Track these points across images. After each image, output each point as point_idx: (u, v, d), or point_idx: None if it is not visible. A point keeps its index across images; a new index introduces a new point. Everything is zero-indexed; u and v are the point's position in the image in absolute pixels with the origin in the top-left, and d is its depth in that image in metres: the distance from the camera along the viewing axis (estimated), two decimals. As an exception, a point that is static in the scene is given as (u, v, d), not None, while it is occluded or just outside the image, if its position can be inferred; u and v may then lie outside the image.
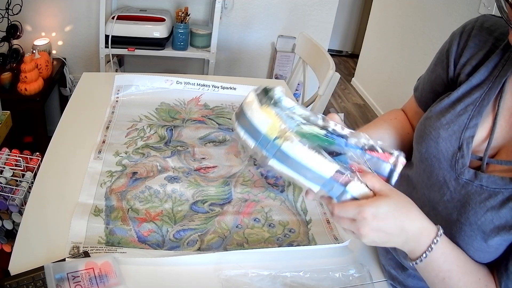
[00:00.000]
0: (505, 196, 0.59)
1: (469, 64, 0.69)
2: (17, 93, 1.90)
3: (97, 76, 1.57)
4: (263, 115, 0.55)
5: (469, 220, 0.62)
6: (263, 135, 0.55)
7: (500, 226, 0.59)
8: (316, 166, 0.55)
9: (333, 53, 4.49)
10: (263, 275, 0.82)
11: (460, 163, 0.65)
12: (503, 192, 0.59)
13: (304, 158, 0.55)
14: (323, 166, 0.55)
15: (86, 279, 0.73)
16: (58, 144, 1.11)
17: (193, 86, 1.45)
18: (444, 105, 0.70)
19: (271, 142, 0.55)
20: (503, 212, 0.59)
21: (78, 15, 2.15)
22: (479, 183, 0.62)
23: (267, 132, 0.55)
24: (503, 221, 0.59)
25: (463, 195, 0.64)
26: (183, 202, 0.98)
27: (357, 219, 0.57)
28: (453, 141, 0.66)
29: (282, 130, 0.55)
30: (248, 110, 0.56)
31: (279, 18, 2.33)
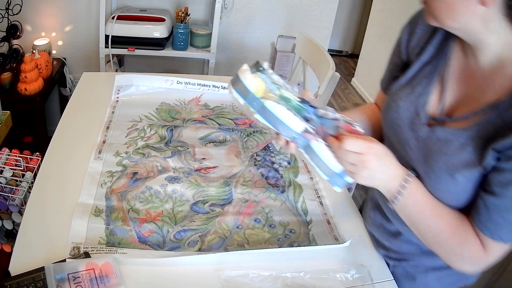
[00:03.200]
0: (460, 142, 0.70)
1: (418, 46, 0.81)
2: (17, 93, 1.90)
3: (97, 76, 1.57)
4: (253, 79, 0.70)
5: (433, 168, 0.73)
6: (252, 93, 0.70)
7: (460, 166, 0.69)
8: (289, 121, 0.70)
9: (333, 53, 4.48)
10: (263, 276, 0.82)
11: (417, 124, 0.77)
12: (458, 139, 0.70)
13: (280, 114, 0.70)
14: (295, 122, 0.70)
15: (86, 279, 0.73)
16: (58, 144, 1.11)
17: (193, 86, 1.45)
18: (401, 82, 0.83)
19: (257, 100, 0.70)
20: (461, 155, 0.69)
21: (78, 15, 2.15)
22: (435, 136, 0.74)
23: (255, 92, 0.70)
24: (461, 162, 0.69)
25: (424, 149, 0.75)
26: (184, 203, 0.97)
27: (366, 154, 0.69)
28: (411, 109, 0.79)
29: (266, 91, 0.70)
30: (242, 75, 0.71)
31: (279, 18, 2.33)
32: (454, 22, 0.68)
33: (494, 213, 0.67)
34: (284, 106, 0.70)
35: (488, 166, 0.67)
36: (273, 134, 1.21)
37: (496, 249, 0.69)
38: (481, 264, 0.71)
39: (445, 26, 0.70)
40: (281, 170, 1.13)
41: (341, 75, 1.62)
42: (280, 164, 1.15)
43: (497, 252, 0.70)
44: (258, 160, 1.15)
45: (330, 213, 1.01)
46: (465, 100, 0.74)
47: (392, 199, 0.74)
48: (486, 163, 0.66)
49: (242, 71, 0.71)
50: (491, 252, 0.70)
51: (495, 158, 0.66)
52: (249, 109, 0.71)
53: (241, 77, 0.71)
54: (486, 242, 0.69)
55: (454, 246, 0.72)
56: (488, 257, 0.70)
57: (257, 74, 0.71)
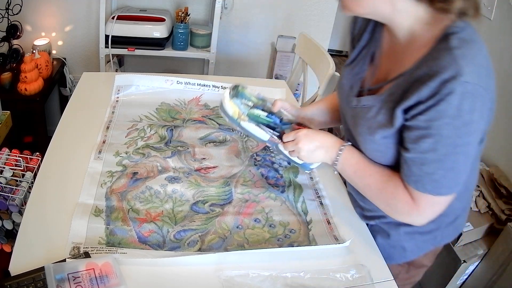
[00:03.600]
0: (377, 107, 0.81)
1: (359, 34, 0.94)
2: (17, 93, 1.89)
3: (97, 76, 1.57)
4: (230, 105, 0.94)
5: (359, 131, 0.86)
6: (231, 116, 0.95)
7: (377, 127, 0.81)
8: (258, 134, 0.95)
9: (333, 53, 4.48)
10: (263, 276, 0.82)
11: (350, 96, 0.90)
12: (376, 104, 0.82)
13: (251, 130, 0.95)
14: (261, 134, 0.95)
15: (86, 279, 0.73)
16: (58, 144, 1.11)
17: (193, 86, 1.45)
18: (345, 65, 0.97)
19: (235, 121, 0.95)
20: (378, 118, 0.81)
21: (78, 15, 2.15)
22: (360, 104, 0.86)
23: (232, 115, 0.94)
24: (379, 123, 0.81)
25: (354, 116, 0.88)
26: (184, 203, 0.97)
27: (295, 138, 0.90)
28: (348, 85, 0.93)
29: (239, 113, 0.95)
30: (223, 101, 0.95)
31: (279, 18, 2.33)
32: (363, 9, 0.78)
33: (413, 166, 0.77)
34: (253, 123, 0.94)
35: (398, 125, 0.77)
36: None
37: (425, 201, 0.78)
38: (415, 215, 0.81)
39: (357, 13, 0.80)
40: (281, 170, 1.13)
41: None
42: (280, 164, 1.15)
43: (428, 205, 0.79)
44: (258, 160, 1.15)
45: (330, 213, 1.01)
46: (389, 73, 0.84)
47: (332, 165, 0.90)
48: (396, 123, 0.77)
49: (224, 97, 0.95)
50: (421, 203, 0.79)
51: (403, 118, 0.76)
52: (231, 124, 0.96)
53: (223, 103, 0.95)
54: (414, 195, 0.79)
55: (387, 199, 0.84)
56: (420, 209, 0.79)
57: (233, 100, 0.94)
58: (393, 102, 0.77)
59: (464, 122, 0.70)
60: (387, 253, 0.94)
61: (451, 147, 0.73)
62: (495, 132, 1.74)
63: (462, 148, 0.73)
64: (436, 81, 0.69)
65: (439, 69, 0.69)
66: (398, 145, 0.80)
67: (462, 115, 0.69)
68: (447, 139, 0.72)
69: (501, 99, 1.72)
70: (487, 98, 0.71)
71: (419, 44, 0.77)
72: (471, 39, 0.71)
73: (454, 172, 0.75)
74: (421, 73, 0.73)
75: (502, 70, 1.68)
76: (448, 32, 0.72)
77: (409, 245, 0.95)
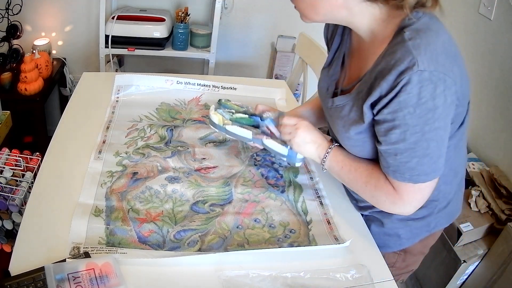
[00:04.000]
0: (349, 105, 0.85)
1: (331, 38, 0.97)
2: (17, 93, 1.90)
3: (97, 76, 1.57)
4: (215, 115, 1.06)
5: (337, 130, 0.90)
6: (217, 124, 1.05)
7: (350, 124, 0.84)
8: (242, 133, 1.03)
9: (333, 53, 4.47)
10: (263, 276, 0.82)
11: (327, 97, 0.94)
12: (348, 103, 0.85)
13: (236, 131, 1.03)
14: (245, 133, 1.02)
15: (86, 279, 0.73)
16: (58, 144, 1.11)
17: (193, 86, 1.45)
18: (322, 69, 1.00)
19: (221, 127, 1.05)
20: (350, 115, 0.85)
21: (78, 15, 2.15)
22: (335, 104, 0.89)
23: (218, 122, 1.05)
24: (351, 120, 0.84)
25: (330, 115, 0.92)
26: (184, 203, 0.97)
27: (297, 123, 0.94)
28: (325, 87, 0.97)
29: (223, 120, 1.05)
30: (210, 114, 1.07)
31: (279, 18, 2.33)
32: (321, 17, 0.81)
33: (388, 158, 0.80)
34: (237, 125, 1.03)
35: (368, 120, 0.80)
36: None
37: (406, 189, 0.81)
38: (400, 204, 0.83)
39: (316, 21, 0.82)
40: (281, 170, 1.13)
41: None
42: (280, 164, 1.15)
43: (410, 193, 0.81)
44: (258, 160, 1.15)
45: (330, 213, 1.01)
46: (358, 72, 0.87)
47: (321, 163, 0.94)
48: (366, 118, 0.80)
49: (210, 111, 1.07)
50: (403, 193, 0.82)
51: (371, 113, 0.79)
52: (221, 133, 1.07)
53: (210, 115, 1.07)
54: (396, 185, 0.82)
55: (371, 191, 0.87)
56: (403, 198, 0.82)
57: (217, 111, 1.06)
58: (361, 99, 0.80)
59: (427, 108, 0.72)
60: (382, 241, 0.97)
61: (419, 135, 0.74)
62: (495, 132, 1.74)
63: (432, 134, 0.74)
64: (393, 74, 0.71)
65: (395, 62, 0.72)
66: (373, 139, 0.83)
67: (423, 102, 0.71)
68: (413, 127, 0.74)
69: (501, 99, 1.72)
70: (450, 82, 0.72)
71: (379, 41, 0.79)
72: (426, 28, 0.73)
73: (428, 157, 0.77)
74: (380, 68, 0.75)
75: (502, 70, 1.68)
76: (402, 25, 0.75)
77: (404, 232, 0.97)
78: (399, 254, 1.01)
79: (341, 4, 0.76)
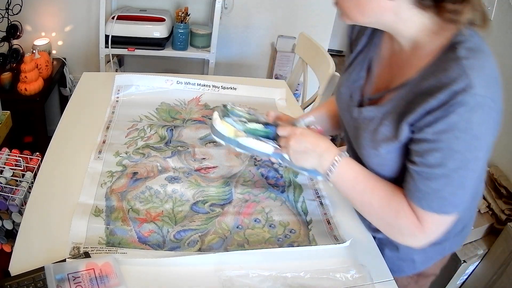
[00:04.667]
0: (379, 118, 0.78)
1: (357, 38, 0.90)
2: (17, 93, 1.89)
3: (97, 76, 1.57)
4: (223, 125, 0.88)
5: (362, 144, 0.82)
6: (227, 137, 0.89)
7: (381, 140, 0.77)
8: (260, 148, 0.88)
9: (333, 53, 4.45)
10: (263, 276, 0.82)
11: (351, 105, 0.86)
12: (377, 115, 0.78)
13: (252, 145, 0.88)
14: (265, 147, 0.88)
15: (86, 279, 0.73)
16: (58, 144, 1.11)
17: (194, 86, 1.45)
18: (343, 72, 0.93)
19: (232, 140, 0.88)
20: (381, 130, 0.77)
21: (78, 15, 2.15)
22: (362, 115, 0.82)
23: (228, 134, 0.88)
24: (382, 136, 0.77)
25: (355, 126, 0.84)
26: (184, 203, 0.97)
27: (290, 134, 0.83)
28: (347, 93, 0.89)
29: (236, 131, 0.88)
30: (215, 124, 0.89)
31: (279, 18, 2.33)
32: (366, 18, 0.74)
33: (419, 182, 0.72)
34: (252, 137, 0.87)
35: (404, 139, 0.73)
36: None
37: (430, 220, 0.73)
38: (420, 236, 0.75)
39: (359, 22, 0.76)
40: (281, 170, 1.13)
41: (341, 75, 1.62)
42: (280, 164, 1.15)
43: (433, 225, 0.74)
44: (258, 160, 1.15)
45: (330, 213, 1.01)
46: (390, 81, 0.81)
47: (325, 176, 0.82)
48: (402, 136, 0.73)
49: (214, 121, 0.89)
50: (426, 224, 0.74)
51: (410, 131, 0.72)
52: (230, 147, 0.90)
53: (215, 126, 0.89)
54: (419, 214, 0.74)
55: (389, 219, 0.77)
56: (425, 229, 0.74)
57: (225, 119, 0.89)
58: (397, 113, 0.74)
59: (474, 135, 0.67)
60: (396, 266, 0.91)
61: (461, 162, 0.68)
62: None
63: (472, 164, 0.69)
64: (446, 93, 0.66)
65: (448, 81, 0.66)
66: (403, 158, 0.76)
67: (472, 128, 0.66)
68: (457, 153, 0.68)
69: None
70: (495, 110, 0.68)
71: (423, 53, 0.74)
72: (478, 48, 0.69)
73: (462, 189, 0.71)
74: (428, 85, 0.69)
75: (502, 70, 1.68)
76: (454, 41, 0.70)
77: (419, 257, 0.92)
78: (412, 277, 0.97)
79: (390, 7, 0.70)
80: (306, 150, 0.82)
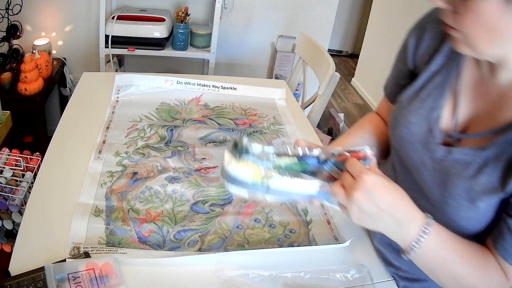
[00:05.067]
0: (479, 164, 0.64)
1: (427, 54, 0.75)
2: (17, 93, 1.89)
3: (97, 76, 1.57)
4: (243, 168, 0.64)
5: (451, 193, 0.66)
6: (251, 183, 0.65)
7: (481, 192, 0.63)
8: (301, 189, 0.66)
9: (333, 53, 4.48)
10: (263, 276, 0.82)
11: (432, 142, 0.71)
12: (476, 160, 0.64)
13: (289, 187, 0.65)
14: (307, 186, 0.66)
15: (86, 279, 0.73)
16: (58, 144, 1.11)
17: (194, 86, 1.45)
18: (409, 94, 0.76)
19: (260, 185, 0.65)
20: (481, 179, 0.63)
21: (78, 15, 2.15)
22: (452, 157, 0.67)
23: (253, 179, 0.65)
24: (482, 186, 0.63)
25: (440, 171, 0.69)
26: (184, 203, 0.97)
27: (357, 178, 0.59)
28: (422, 124, 0.72)
29: (263, 172, 0.64)
30: (230, 168, 0.65)
31: (279, 18, 2.33)
32: (493, 49, 0.59)
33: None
34: (287, 177, 0.64)
35: (510, 190, 0.61)
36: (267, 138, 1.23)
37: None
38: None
39: (484, 55, 0.62)
40: (281, 170, 1.12)
41: (341, 75, 1.62)
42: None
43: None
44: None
45: (330, 213, 1.01)
46: (481, 116, 0.68)
47: (406, 249, 0.63)
48: (509, 188, 0.61)
49: (228, 164, 0.65)
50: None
51: None
52: (257, 196, 0.67)
53: (231, 171, 0.65)
54: (508, 270, 0.64)
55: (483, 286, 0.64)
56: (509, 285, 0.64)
57: (243, 158, 0.65)
58: (505, 161, 0.62)
59: None
60: None
61: None
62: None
63: None
64: None
65: None
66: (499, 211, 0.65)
67: None
68: None
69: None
70: None
71: None
72: None
73: None
74: None
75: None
76: None
77: None
78: None
79: None
80: (379, 213, 0.60)
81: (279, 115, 1.39)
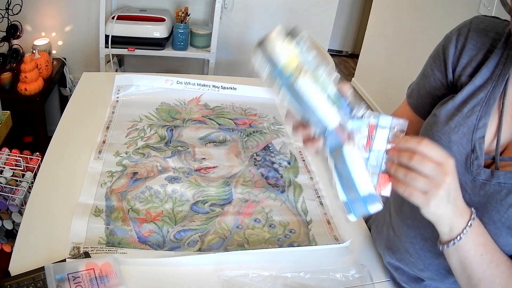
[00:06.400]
0: None
1: (470, 66, 0.70)
2: (17, 93, 1.90)
3: (97, 76, 1.57)
4: (286, 47, 0.56)
5: (493, 219, 0.63)
6: (281, 66, 0.56)
7: None
8: (323, 110, 0.56)
9: (333, 53, 4.48)
10: (263, 276, 0.82)
11: (475, 164, 0.65)
12: None
13: (313, 99, 0.56)
14: (329, 113, 0.56)
15: (86, 279, 0.73)
16: (58, 144, 1.11)
17: (193, 86, 1.45)
18: (449, 109, 0.70)
19: (286, 75, 0.56)
20: None
21: (78, 15, 2.15)
22: (496, 181, 0.63)
23: (286, 64, 0.56)
24: None
25: (482, 195, 0.64)
26: (184, 203, 0.97)
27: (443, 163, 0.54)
28: (465, 144, 0.67)
29: (300, 66, 0.56)
30: (271, 41, 0.56)
31: (279, 18, 2.33)
32: None
33: None
34: (319, 89, 0.56)
35: None
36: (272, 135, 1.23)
37: None
38: None
39: None
40: (281, 170, 1.13)
41: (341, 75, 1.62)
42: (280, 164, 1.15)
43: None
44: (258, 160, 1.15)
45: (330, 213, 1.01)
46: None
47: (452, 238, 0.60)
48: None
49: (270, 38, 0.56)
50: None
51: None
52: (274, 84, 0.57)
53: (271, 44, 0.56)
54: None
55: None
56: None
57: (291, 43, 0.56)
58: None
59: None
60: None
61: None
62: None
63: None
64: None
65: None
66: None
67: None
68: None
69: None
70: None
71: None
72: None
73: None
74: None
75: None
76: None
77: None
78: None
79: None
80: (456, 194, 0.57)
81: (279, 115, 1.39)
